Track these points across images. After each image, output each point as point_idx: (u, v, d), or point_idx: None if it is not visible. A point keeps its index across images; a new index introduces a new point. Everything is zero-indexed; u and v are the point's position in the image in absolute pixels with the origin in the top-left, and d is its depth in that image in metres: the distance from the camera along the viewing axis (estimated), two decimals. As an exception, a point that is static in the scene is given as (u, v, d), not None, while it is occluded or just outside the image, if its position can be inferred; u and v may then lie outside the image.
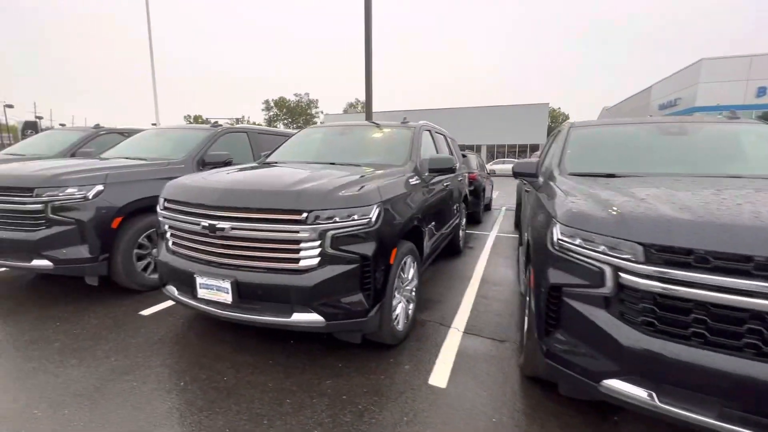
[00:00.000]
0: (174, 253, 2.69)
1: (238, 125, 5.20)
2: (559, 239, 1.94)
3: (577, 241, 1.86)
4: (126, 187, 3.68)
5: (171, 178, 4.08)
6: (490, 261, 5.43)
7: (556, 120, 64.97)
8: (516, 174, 3.31)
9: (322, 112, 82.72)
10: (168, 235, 2.73)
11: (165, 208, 2.72)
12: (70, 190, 3.36)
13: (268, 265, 2.35)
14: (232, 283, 2.33)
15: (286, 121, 79.70)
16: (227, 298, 2.37)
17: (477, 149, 40.92)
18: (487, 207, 10.31)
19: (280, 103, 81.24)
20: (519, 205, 6.45)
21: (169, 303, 3.60)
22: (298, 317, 2.33)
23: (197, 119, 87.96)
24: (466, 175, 6.30)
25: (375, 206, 2.42)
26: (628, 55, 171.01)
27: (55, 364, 2.58)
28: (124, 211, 3.63)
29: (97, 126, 6.33)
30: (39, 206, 3.28)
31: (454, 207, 4.96)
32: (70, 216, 3.34)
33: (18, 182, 3.35)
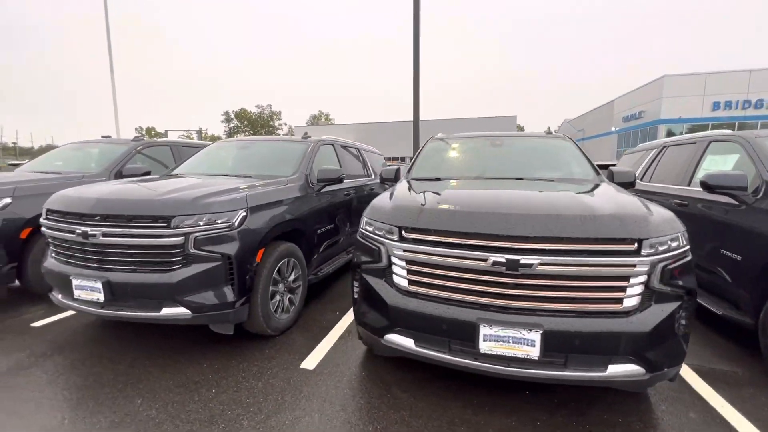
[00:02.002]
0: (416, 295, 2.12)
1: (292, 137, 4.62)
2: None
3: None
4: (264, 211, 3.01)
5: (291, 198, 3.46)
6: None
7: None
8: (715, 188, 3.05)
9: (285, 124, 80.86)
10: (404, 273, 2.16)
11: (403, 239, 2.16)
12: (210, 217, 2.67)
13: (581, 307, 1.89)
14: (541, 334, 1.83)
15: (247, 133, 76.90)
16: (532, 352, 1.86)
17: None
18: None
19: (241, 114, 78.29)
20: None
21: (326, 350, 2.96)
22: (617, 370, 1.87)
23: (149, 132, 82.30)
24: None
25: (684, 232, 2.05)
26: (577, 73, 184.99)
27: (274, 454, 1.92)
28: (267, 240, 2.97)
29: (137, 138, 5.40)
30: (179, 239, 2.55)
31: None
32: (214, 250, 2.63)
33: (149, 209, 2.58)
